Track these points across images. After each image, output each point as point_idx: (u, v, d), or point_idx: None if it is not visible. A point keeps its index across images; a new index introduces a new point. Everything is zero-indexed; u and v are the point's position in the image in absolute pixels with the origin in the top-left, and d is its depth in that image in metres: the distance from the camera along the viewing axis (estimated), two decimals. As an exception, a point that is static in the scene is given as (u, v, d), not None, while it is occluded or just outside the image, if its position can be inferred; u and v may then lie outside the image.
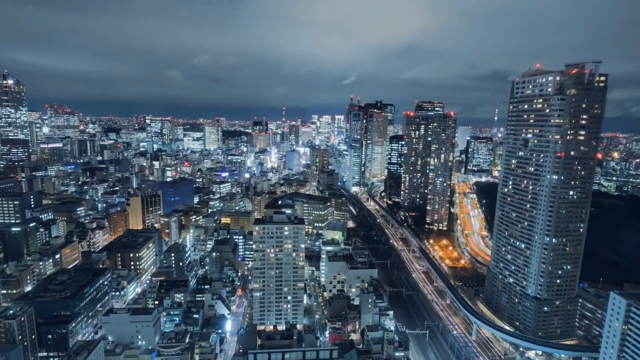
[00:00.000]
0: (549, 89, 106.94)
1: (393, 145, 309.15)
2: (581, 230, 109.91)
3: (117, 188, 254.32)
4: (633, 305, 76.74)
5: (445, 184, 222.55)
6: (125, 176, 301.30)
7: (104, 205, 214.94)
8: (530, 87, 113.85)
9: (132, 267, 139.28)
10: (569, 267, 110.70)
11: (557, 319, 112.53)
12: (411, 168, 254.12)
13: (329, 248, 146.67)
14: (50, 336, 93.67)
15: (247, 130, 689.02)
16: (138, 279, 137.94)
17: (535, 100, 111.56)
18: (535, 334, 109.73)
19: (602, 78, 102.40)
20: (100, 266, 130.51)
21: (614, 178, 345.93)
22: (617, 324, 79.19)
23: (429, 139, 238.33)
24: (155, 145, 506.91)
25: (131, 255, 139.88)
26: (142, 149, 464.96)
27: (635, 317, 76.22)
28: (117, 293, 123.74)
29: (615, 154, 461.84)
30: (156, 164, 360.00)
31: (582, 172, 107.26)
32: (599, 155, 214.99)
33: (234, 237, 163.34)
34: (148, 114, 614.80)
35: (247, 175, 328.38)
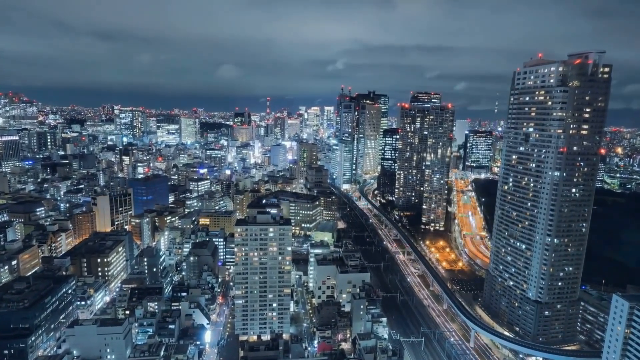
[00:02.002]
0: (551, 80, 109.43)
1: (387, 139, 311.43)
2: (583, 229, 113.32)
3: (82, 186, 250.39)
4: (636, 308, 79.58)
5: (442, 181, 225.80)
6: (91, 173, 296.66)
7: (67, 205, 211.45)
8: (531, 77, 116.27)
9: (100, 274, 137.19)
10: (570, 268, 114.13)
11: (559, 323, 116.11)
12: (406, 164, 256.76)
13: (318, 251, 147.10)
14: (6, 351, 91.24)
15: (227, 123, 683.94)
16: (106, 286, 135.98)
17: (537, 92, 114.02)
18: (536, 340, 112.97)
19: (606, 69, 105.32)
20: (64, 273, 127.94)
21: (618, 175, 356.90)
22: (619, 328, 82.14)
23: (425, 132, 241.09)
24: (125, 139, 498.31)
25: (98, 260, 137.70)
26: (110, 143, 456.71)
27: (638, 320, 79.10)
28: (83, 302, 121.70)
29: (619, 150, 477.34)
30: (126, 159, 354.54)
31: (585, 169, 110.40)
32: (602, 151, 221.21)
33: (214, 239, 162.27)
34: (117, 103, 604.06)
35: (228, 172, 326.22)
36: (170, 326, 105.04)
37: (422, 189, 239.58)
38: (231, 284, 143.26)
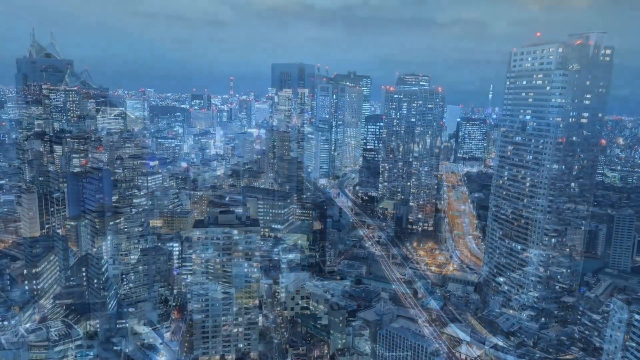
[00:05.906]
0: (550, 63, 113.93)
1: (369, 127, 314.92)
2: (583, 228, 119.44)
3: (3, 182, 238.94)
4: (636, 312, 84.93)
5: (431, 175, 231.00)
6: (14, 166, 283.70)
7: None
8: (529, 59, 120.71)
9: (27, 288, 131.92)
10: (569, 270, 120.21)
11: (556, 330, 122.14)
12: (391, 156, 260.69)
13: (291, 256, 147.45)
14: None
15: (183, 106, 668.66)
16: (35, 303, 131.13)
17: (534, 76, 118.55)
18: (532, 349, 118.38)
19: (608, 51, 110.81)
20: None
21: (619, 167, 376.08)
22: (618, 334, 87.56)
23: (413, 120, 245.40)
24: (56, 124, 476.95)
25: (25, 271, 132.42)
26: (37, 129, 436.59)
27: (638, 325, 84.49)
28: (6, 322, 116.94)
29: (620, 140, 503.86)
30: (58, 149, 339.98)
31: (585, 161, 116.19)
32: (603, 142, 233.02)
33: (167, 244, 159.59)
34: (45, 81, 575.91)
35: (184, 165, 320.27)
36: (115, 348, 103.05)
37: (409, 183, 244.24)
38: (189, 296, 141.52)
